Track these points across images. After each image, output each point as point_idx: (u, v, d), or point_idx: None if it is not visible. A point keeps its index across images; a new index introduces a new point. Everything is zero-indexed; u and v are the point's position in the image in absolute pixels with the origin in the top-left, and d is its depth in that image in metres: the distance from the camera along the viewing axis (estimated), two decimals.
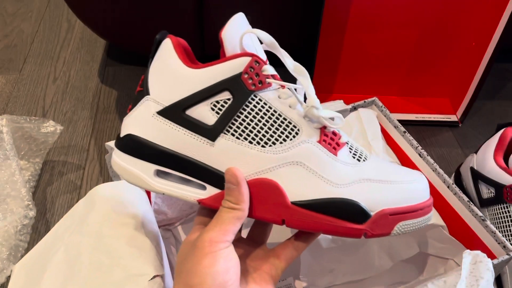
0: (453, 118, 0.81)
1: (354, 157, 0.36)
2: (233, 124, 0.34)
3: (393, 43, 0.76)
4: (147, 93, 0.36)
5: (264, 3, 0.76)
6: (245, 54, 0.34)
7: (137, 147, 0.36)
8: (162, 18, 0.77)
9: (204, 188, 0.36)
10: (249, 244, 0.39)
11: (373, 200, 0.34)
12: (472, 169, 0.61)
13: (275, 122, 0.35)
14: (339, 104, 0.59)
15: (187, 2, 0.75)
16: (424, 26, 0.74)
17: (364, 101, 0.60)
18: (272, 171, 0.34)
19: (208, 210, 0.38)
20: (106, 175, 0.69)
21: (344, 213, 0.34)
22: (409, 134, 0.56)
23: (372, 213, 0.34)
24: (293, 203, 0.34)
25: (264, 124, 0.35)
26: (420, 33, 0.75)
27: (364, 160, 0.36)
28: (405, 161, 0.57)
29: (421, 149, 0.55)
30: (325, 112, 0.35)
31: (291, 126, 0.35)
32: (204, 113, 0.35)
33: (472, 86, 0.76)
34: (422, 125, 0.81)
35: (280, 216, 0.35)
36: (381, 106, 0.60)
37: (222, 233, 0.33)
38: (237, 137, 0.35)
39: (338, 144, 0.36)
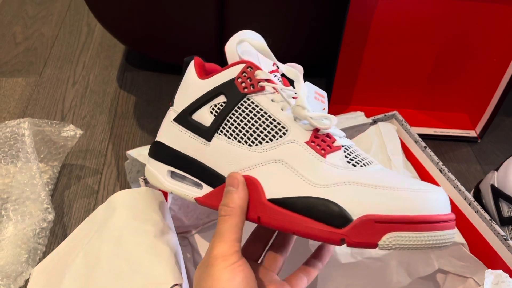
0: (472, 133, 0.80)
1: (349, 162, 0.34)
2: (226, 124, 0.37)
3: (413, 57, 0.76)
4: (172, 105, 0.41)
5: (285, 16, 0.76)
6: (240, 61, 0.37)
7: (158, 151, 0.41)
8: (182, 25, 0.78)
9: (201, 187, 0.38)
10: (262, 272, 0.39)
11: (358, 204, 0.31)
12: (492, 186, 0.60)
13: (263, 122, 0.36)
14: (361, 118, 0.58)
15: (208, 11, 0.75)
16: (445, 41, 0.74)
17: (385, 115, 0.60)
18: (254, 169, 0.35)
19: None
20: (123, 180, 0.70)
21: (320, 214, 0.32)
22: (429, 150, 0.56)
23: (354, 218, 0.31)
24: (269, 200, 0.34)
25: (252, 125, 0.36)
26: (440, 48, 0.74)
27: (363, 166, 0.34)
28: (425, 177, 0.57)
29: (442, 165, 0.54)
30: (314, 113, 0.35)
31: (279, 126, 0.36)
32: (205, 115, 0.38)
33: (493, 102, 0.75)
34: (440, 139, 0.80)
35: (256, 213, 0.35)
36: (402, 120, 0.59)
37: (229, 246, 0.33)
38: (228, 137, 0.37)
39: (329, 147, 0.35)
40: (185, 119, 0.39)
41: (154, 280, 0.39)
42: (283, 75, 0.40)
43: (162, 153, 0.40)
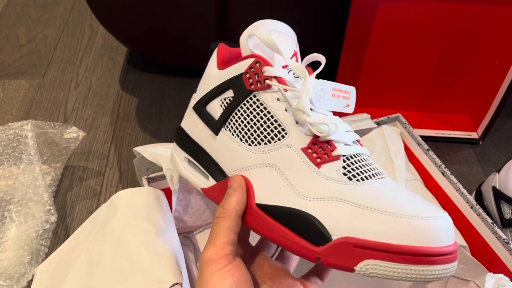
0: (474, 135, 0.80)
1: (345, 175, 0.31)
2: (231, 120, 0.36)
3: (415, 59, 0.76)
4: (195, 92, 0.41)
5: (286, 18, 0.76)
6: (251, 55, 0.35)
7: (178, 136, 0.42)
8: (184, 27, 0.78)
9: (208, 178, 0.38)
10: (276, 268, 0.39)
11: (339, 223, 0.29)
12: (494, 188, 0.60)
13: (265, 122, 0.34)
14: (367, 121, 0.58)
15: (210, 13, 0.75)
16: (447, 43, 0.74)
17: (388, 117, 0.60)
18: (250, 170, 0.35)
19: None
20: (125, 182, 0.70)
21: (301, 229, 0.30)
22: (432, 152, 0.56)
23: (333, 237, 0.29)
24: (257, 205, 0.33)
25: (254, 124, 0.35)
26: (442, 50, 0.75)
27: (360, 180, 0.31)
28: (427, 180, 0.57)
29: (445, 167, 0.55)
30: (314, 118, 0.33)
31: (279, 128, 0.34)
32: (215, 108, 0.38)
33: (494, 103, 0.75)
34: (441, 141, 0.80)
35: (245, 215, 0.34)
36: (405, 123, 0.59)
37: (218, 249, 0.32)
38: (232, 133, 0.36)
39: (327, 156, 0.32)
40: (200, 108, 0.39)
41: (155, 278, 0.40)
42: (309, 65, 0.38)
43: (181, 139, 0.41)
